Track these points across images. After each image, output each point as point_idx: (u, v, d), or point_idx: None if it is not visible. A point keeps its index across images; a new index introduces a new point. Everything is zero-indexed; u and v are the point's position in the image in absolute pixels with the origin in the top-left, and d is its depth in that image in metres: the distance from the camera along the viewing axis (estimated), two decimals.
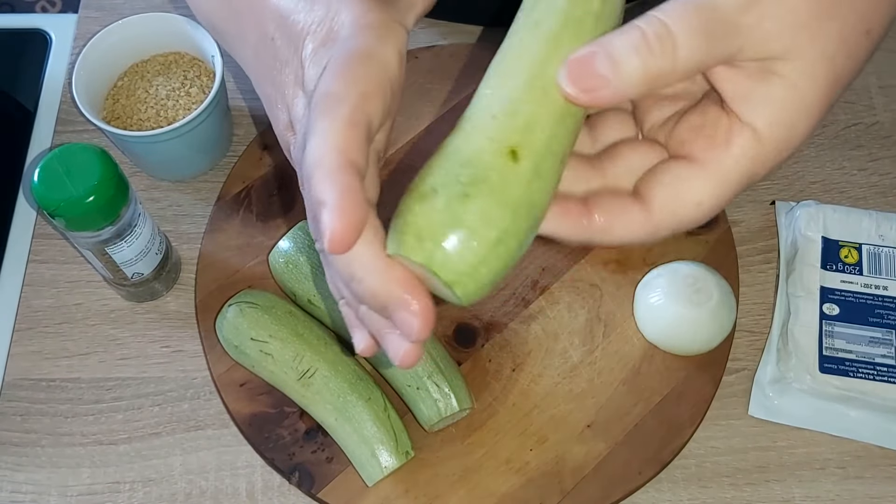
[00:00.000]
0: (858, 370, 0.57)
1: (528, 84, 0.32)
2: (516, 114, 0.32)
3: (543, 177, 0.32)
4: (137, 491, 0.56)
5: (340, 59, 0.34)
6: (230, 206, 0.65)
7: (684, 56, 0.30)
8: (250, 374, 0.58)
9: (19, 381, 0.60)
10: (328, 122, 0.32)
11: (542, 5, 0.34)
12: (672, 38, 0.29)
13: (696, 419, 0.57)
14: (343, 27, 0.35)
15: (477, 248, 0.31)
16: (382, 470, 0.53)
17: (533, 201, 0.32)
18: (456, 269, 0.31)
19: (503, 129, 0.32)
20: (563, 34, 0.33)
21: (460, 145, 0.32)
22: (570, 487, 0.55)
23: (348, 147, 0.31)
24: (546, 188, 0.32)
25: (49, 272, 0.64)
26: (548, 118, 0.32)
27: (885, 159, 0.68)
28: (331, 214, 0.30)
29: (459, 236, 0.31)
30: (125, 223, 0.55)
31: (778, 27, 0.30)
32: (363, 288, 0.32)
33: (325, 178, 0.31)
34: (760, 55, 0.31)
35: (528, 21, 0.34)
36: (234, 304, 0.57)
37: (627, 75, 0.30)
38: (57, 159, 0.52)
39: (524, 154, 0.31)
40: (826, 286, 0.60)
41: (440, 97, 0.69)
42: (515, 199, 0.31)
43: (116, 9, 0.74)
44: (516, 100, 0.32)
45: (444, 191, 0.31)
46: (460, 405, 0.54)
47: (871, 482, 0.56)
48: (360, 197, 0.31)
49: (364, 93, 0.33)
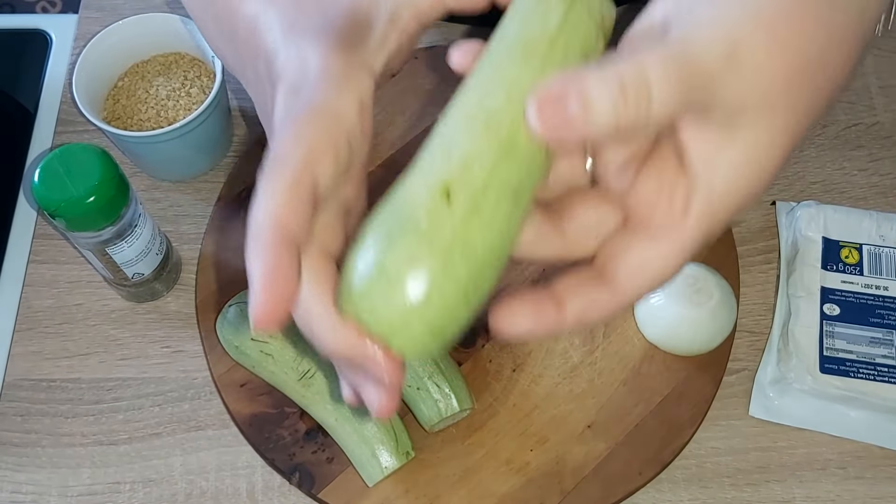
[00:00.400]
0: (859, 370, 0.57)
1: (467, 118, 0.30)
2: (451, 149, 0.30)
3: (485, 215, 0.29)
4: (138, 491, 0.56)
5: (293, 117, 0.33)
6: (231, 207, 0.65)
7: (658, 109, 0.28)
8: (251, 375, 0.58)
9: (20, 382, 0.60)
10: (269, 187, 0.30)
11: (496, 37, 0.32)
12: (648, 89, 0.28)
13: (697, 419, 0.57)
14: (308, 75, 0.34)
15: (404, 298, 0.28)
16: (383, 470, 0.53)
17: (471, 242, 0.29)
18: (386, 321, 0.29)
19: (438, 169, 0.30)
20: (506, 63, 0.31)
21: (397, 190, 0.30)
22: (571, 488, 0.55)
23: (285, 214, 0.30)
24: (491, 227, 0.29)
25: (49, 272, 0.64)
26: (488, 153, 0.29)
27: (885, 159, 0.68)
28: (255, 291, 0.29)
29: (383, 285, 0.28)
30: (126, 223, 0.55)
31: (752, 87, 0.29)
32: (324, 345, 0.32)
33: (255, 251, 0.30)
34: (730, 111, 0.30)
35: (483, 55, 0.32)
36: (234, 304, 0.57)
37: (597, 121, 0.28)
38: (57, 160, 0.52)
39: (458, 190, 0.29)
40: (826, 286, 0.60)
41: (440, 97, 0.69)
42: (447, 242, 0.28)
43: (117, 9, 0.74)
44: (452, 136, 0.30)
45: (372, 238, 0.29)
46: (461, 405, 0.54)
47: (872, 482, 0.56)
48: (288, 273, 0.29)
49: (311, 154, 0.31)
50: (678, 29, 0.30)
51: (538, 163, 0.31)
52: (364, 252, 0.29)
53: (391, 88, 0.69)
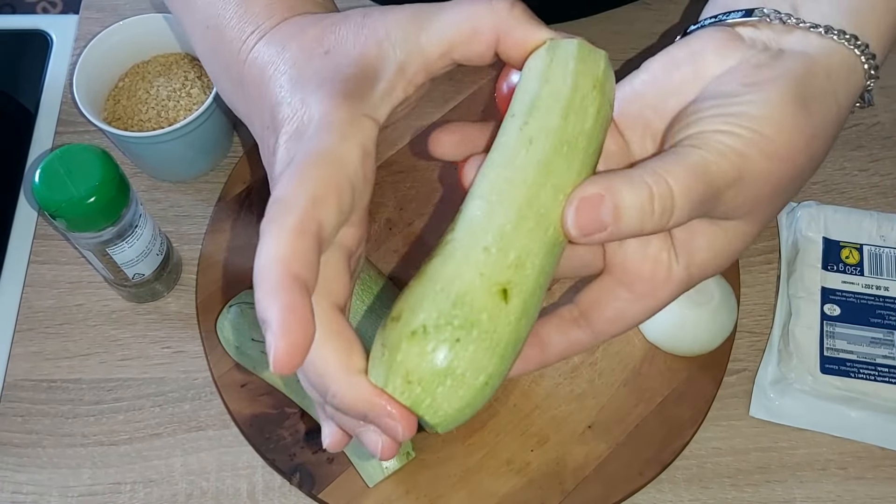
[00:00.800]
0: (859, 371, 0.57)
1: (520, 215, 0.32)
2: (508, 249, 0.32)
3: (530, 313, 0.32)
4: (138, 491, 0.56)
5: (296, 162, 0.33)
6: (231, 207, 0.65)
7: (675, 221, 0.32)
8: (251, 375, 0.58)
9: (20, 382, 0.60)
10: (274, 231, 0.31)
11: (535, 119, 0.33)
12: (672, 206, 0.32)
13: (697, 420, 0.57)
14: (311, 122, 0.34)
15: (464, 395, 0.31)
16: (383, 471, 0.53)
17: (520, 338, 0.32)
18: (443, 414, 0.31)
19: (495, 266, 0.31)
20: (556, 160, 0.33)
21: (451, 278, 0.31)
22: (571, 488, 0.55)
23: (292, 259, 0.30)
24: (531, 323, 0.33)
25: (50, 273, 0.64)
26: (538, 252, 0.32)
27: (885, 160, 0.68)
28: (273, 336, 0.29)
29: (449, 384, 0.31)
30: (126, 224, 0.55)
31: (746, 201, 0.34)
32: (338, 401, 0.32)
33: (267, 296, 0.30)
34: (722, 216, 0.35)
35: (522, 136, 0.33)
36: (235, 304, 0.57)
37: (625, 228, 0.32)
38: (58, 160, 0.52)
39: (515, 293, 0.31)
40: (827, 287, 0.60)
41: (441, 97, 0.69)
42: (504, 341, 0.31)
43: (117, 10, 0.75)
44: (508, 233, 0.32)
45: (435, 333, 0.31)
46: None
47: (873, 483, 0.56)
48: (304, 315, 0.29)
49: (315, 197, 0.31)
50: (701, 148, 0.33)
51: (559, 254, 0.34)
52: (425, 345, 0.31)
53: None
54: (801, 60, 0.35)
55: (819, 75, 0.35)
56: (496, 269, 0.31)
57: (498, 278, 0.31)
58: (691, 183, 0.32)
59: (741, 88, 0.35)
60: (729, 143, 0.33)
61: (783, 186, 0.35)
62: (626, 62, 0.72)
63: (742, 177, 0.33)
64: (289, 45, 0.37)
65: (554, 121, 0.33)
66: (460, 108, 0.69)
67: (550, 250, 0.33)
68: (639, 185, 0.32)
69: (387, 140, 0.67)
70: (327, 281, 0.33)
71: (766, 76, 0.35)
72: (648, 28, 0.74)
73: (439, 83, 0.70)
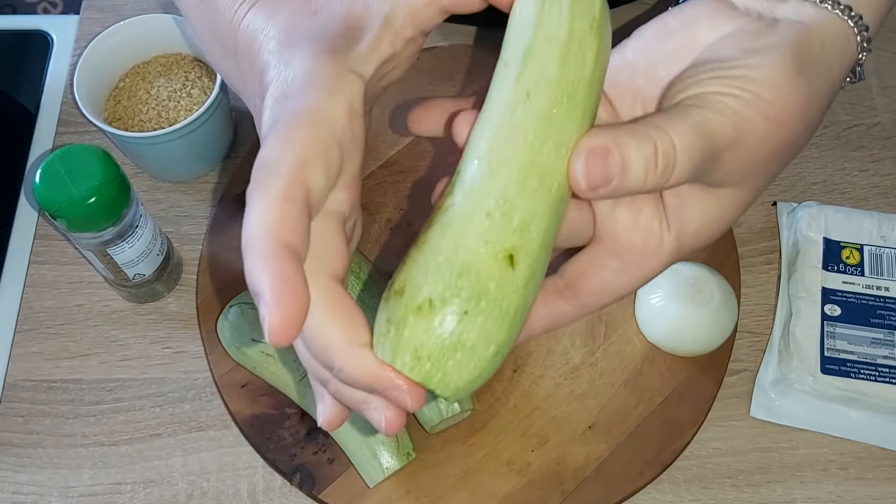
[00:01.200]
0: (860, 371, 0.57)
1: (522, 174, 0.31)
2: (512, 212, 0.31)
3: (537, 277, 0.32)
4: (139, 492, 0.56)
5: (281, 122, 0.32)
6: (232, 208, 0.65)
7: (675, 179, 0.32)
8: (251, 376, 0.58)
9: (21, 383, 0.60)
10: (261, 197, 0.30)
11: (531, 69, 0.32)
12: (674, 163, 0.31)
13: (698, 420, 0.57)
14: (295, 80, 0.33)
15: (475, 366, 0.31)
16: (384, 471, 0.53)
17: (527, 303, 0.32)
18: (454, 387, 0.31)
19: (500, 231, 0.30)
20: (557, 113, 0.31)
21: (454, 247, 0.30)
22: (572, 489, 0.55)
23: (281, 226, 0.29)
24: (538, 286, 0.32)
25: (50, 273, 0.64)
26: (543, 212, 0.31)
27: (886, 160, 0.68)
28: (266, 307, 0.28)
29: (459, 358, 0.30)
30: (127, 224, 0.55)
31: (744, 166, 0.34)
32: (345, 375, 0.31)
33: (258, 266, 0.29)
34: (717, 182, 0.34)
35: (518, 88, 0.32)
36: (235, 305, 0.57)
37: (629, 183, 0.31)
38: (58, 160, 0.52)
39: (521, 258, 0.31)
40: (827, 287, 0.60)
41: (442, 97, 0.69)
42: (514, 309, 0.31)
43: (118, 10, 0.75)
44: (511, 196, 0.31)
45: (441, 307, 0.30)
46: (462, 406, 0.54)
47: (873, 483, 0.56)
48: (297, 284, 0.29)
49: (301, 160, 0.30)
50: (702, 108, 0.33)
51: (563, 212, 0.33)
52: (432, 319, 0.30)
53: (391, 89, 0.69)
54: (797, 29, 0.35)
55: (814, 44, 0.35)
56: (501, 235, 0.30)
57: (503, 244, 0.30)
58: (693, 140, 0.32)
59: (740, 53, 0.34)
60: (729, 103, 0.33)
61: (779, 153, 0.35)
62: None
63: (740, 139, 0.33)
64: (279, 10, 0.36)
65: (552, 70, 0.32)
66: None
67: (556, 209, 0.32)
68: (643, 139, 0.31)
69: (386, 141, 0.67)
70: (323, 252, 0.32)
71: (765, 42, 0.35)
72: None
73: (440, 84, 0.70)
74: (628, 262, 0.36)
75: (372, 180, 0.66)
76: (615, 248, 0.36)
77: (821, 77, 0.35)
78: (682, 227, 0.35)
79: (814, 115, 0.35)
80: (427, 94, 0.69)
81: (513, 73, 0.32)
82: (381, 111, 0.69)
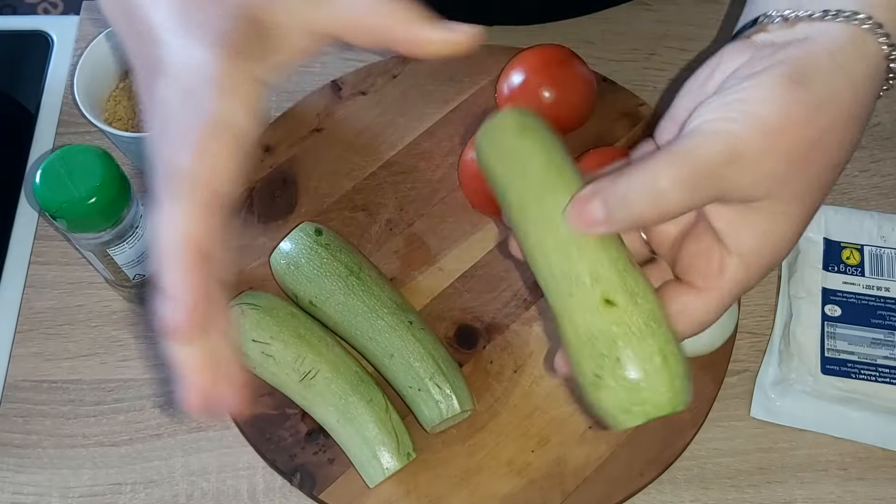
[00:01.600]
0: (860, 372, 0.57)
1: (559, 243, 0.37)
2: (578, 275, 0.36)
3: (637, 290, 0.36)
4: (139, 492, 0.56)
5: (195, 127, 0.34)
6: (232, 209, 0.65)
7: (672, 206, 0.35)
8: (252, 376, 0.58)
9: (21, 383, 0.60)
10: (183, 205, 0.33)
11: (528, 203, 0.38)
12: (660, 190, 0.35)
13: (698, 420, 0.57)
14: (197, 75, 0.35)
15: (658, 381, 0.35)
16: (384, 471, 0.53)
17: (651, 311, 0.36)
18: (664, 402, 0.36)
19: (585, 294, 0.36)
20: (548, 180, 0.38)
21: (577, 331, 0.36)
22: (572, 489, 0.55)
23: (202, 236, 0.33)
24: (643, 292, 0.36)
25: (51, 274, 0.64)
26: (594, 254, 0.36)
27: (886, 160, 0.68)
28: (177, 311, 0.33)
29: (643, 387, 0.35)
30: (127, 225, 0.55)
31: (757, 178, 0.35)
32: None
33: (178, 275, 0.33)
34: (743, 199, 0.36)
35: (526, 219, 0.38)
36: (235, 305, 0.57)
37: (619, 219, 0.35)
38: (59, 161, 0.52)
39: (612, 292, 0.36)
40: (828, 287, 0.60)
41: (442, 98, 0.69)
42: (640, 325, 0.35)
43: None
44: (566, 267, 0.36)
45: (605, 374, 0.36)
46: (462, 406, 0.54)
47: (874, 484, 0.56)
48: (205, 291, 0.33)
49: (216, 170, 0.34)
50: (693, 136, 0.36)
51: (618, 241, 0.38)
52: (608, 385, 0.36)
53: (392, 90, 0.70)
54: (800, 45, 0.37)
55: (819, 54, 0.36)
56: (588, 296, 0.36)
57: (594, 299, 0.36)
58: (675, 167, 0.35)
59: (740, 80, 0.37)
60: (721, 125, 0.35)
61: (798, 160, 0.36)
62: (627, 62, 0.72)
63: (739, 154, 0.35)
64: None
65: (533, 174, 0.38)
66: (460, 108, 0.69)
67: (602, 246, 0.36)
68: (622, 179, 0.35)
69: (387, 142, 0.67)
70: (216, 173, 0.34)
71: (763, 65, 0.36)
72: (650, 29, 0.74)
73: (440, 84, 0.70)
74: (699, 286, 0.38)
75: (372, 181, 0.66)
76: (686, 275, 0.39)
77: (831, 82, 0.36)
78: (740, 246, 0.37)
79: (832, 119, 0.36)
80: (427, 95, 0.69)
81: (517, 208, 0.39)
82: (381, 112, 0.69)
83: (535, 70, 0.63)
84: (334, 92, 0.70)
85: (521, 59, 0.65)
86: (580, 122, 0.65)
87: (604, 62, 0.72)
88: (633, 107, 0.68)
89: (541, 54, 0.64)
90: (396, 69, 0.71)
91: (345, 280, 0.57)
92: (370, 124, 0.68)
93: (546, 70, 0.63)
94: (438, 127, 0.68)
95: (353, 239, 0.63)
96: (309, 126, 0.68)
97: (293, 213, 0.64)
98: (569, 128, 0.65)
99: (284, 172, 0.66)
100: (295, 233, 0.59)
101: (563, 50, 0.65)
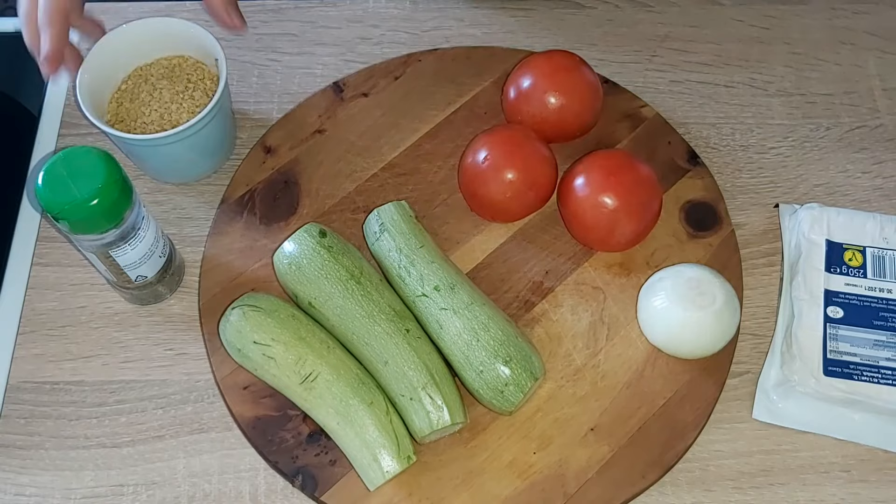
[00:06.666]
0: (863, 373, 0.57)
1: None
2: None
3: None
4: (141, 493, 0.56)
5: None
6: (234, 210, 0.65)
7: None
8: (253, 377, 0.58)
9: (23, 384, 0.60)
10: (51, 29, 0.55)
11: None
12: None
13: (700, 422, 0.57)
14: None
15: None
16: (384, 474, 0.53)
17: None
18: None
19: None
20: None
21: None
22: (574, 491, 0.55)
23: (59, 49, 0.57)
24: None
25: (53, 275, 0.64)
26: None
27: (888, 162, 0.68)
28: (44, 53, 0.57)
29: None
30: (129, 226, 0.55)
31: None
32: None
33: (48, 28, 0.56)
34: None
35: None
36: (237, 307, 0.57)
37: None
38: (61, 162, 0.52)
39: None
40: (830, 289, 0.60)
41: (444, 100, 0.69)
42: None
43: (120, 12, 0.75)
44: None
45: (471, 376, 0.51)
46: (453, 419, 0.54)
47: (876, 485, 0.56)
48: (64, 38, 0.58)
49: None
50: None
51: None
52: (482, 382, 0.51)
53: (394, 92, 0.70)
54: None
55: None
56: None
57: None
58: None
59: None
60: None
61: None
62: (629, 63, 0.72)
63: None
64: None
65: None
66: (462, 110, 0.69)
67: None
68: None
69: (389, 142, 0.67)
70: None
71: None
72: (650, 30, 0.74)
73: (442, 85, 0.70)
74: None
75: (374, 182, 0.66)
76: None
77: None
78: None
79: None
80: (429, 96, 0.69)
81: None
82: (383, 113, 0.69)
83: (543, 76, 0.63)
84: (336, 93, 0.70)
85: (529, 64, 0.64)
86: (585, 129, 0.65)
87: (606, 64, 0.72)
88: (634, 108, 0.68)
89: (549, 60, 0.64)
90: (398, 71, 0.71)
91: (344, 283, 0.57)
92: (372, 126, 0.68)
93: (553, 76, 0.63)
94: (440, 128, 0.68)
95: (355, 241, 0.63)
96: (311, 128, 0.68)
97: (295, 214, 0.64)
98: (574, 135, 0.65)
99: (286, 174, 0.66)
100: (299, 233, 0.59)
101: (571, 57, 0.64)
